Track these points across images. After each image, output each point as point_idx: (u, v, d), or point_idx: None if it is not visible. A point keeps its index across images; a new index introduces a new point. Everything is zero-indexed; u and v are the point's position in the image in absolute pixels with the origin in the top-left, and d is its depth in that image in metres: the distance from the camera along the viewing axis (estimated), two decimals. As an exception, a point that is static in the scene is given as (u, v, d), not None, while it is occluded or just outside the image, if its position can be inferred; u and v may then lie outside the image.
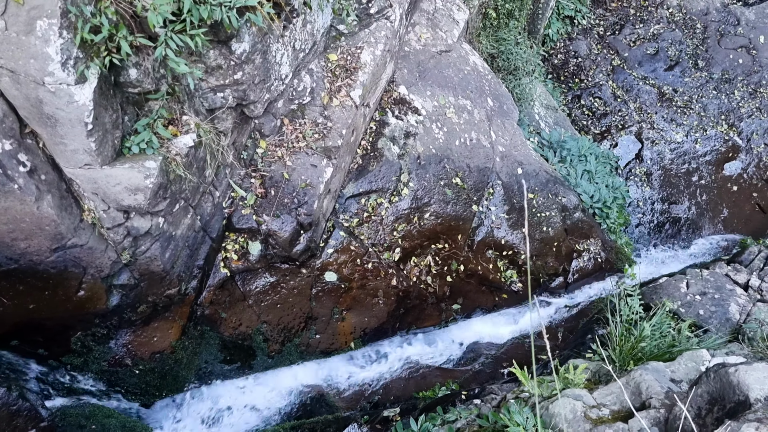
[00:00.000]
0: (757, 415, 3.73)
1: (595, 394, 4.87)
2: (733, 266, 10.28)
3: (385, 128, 8.85)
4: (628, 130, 16.74)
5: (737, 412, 3.91)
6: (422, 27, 9.99)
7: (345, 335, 8.35)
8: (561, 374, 5.18)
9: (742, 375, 4.00)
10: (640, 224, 15.54)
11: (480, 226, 9.43)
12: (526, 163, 10.21)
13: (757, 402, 3.85)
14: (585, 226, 10.43)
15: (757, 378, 3.96)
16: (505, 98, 10.78)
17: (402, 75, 9.31)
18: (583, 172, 12.30)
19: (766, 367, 4.02)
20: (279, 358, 8.07)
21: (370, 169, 8.56)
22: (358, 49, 8.08)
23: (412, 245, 8.78)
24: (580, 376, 5.13)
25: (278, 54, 6.77)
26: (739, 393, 3.96)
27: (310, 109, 7.74)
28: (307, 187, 7.49)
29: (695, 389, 4.29)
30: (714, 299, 8.69)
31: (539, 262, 9.81)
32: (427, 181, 8.86)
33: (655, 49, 18.04)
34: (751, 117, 17.17)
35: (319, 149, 7.68)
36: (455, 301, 9.34)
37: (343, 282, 8.20)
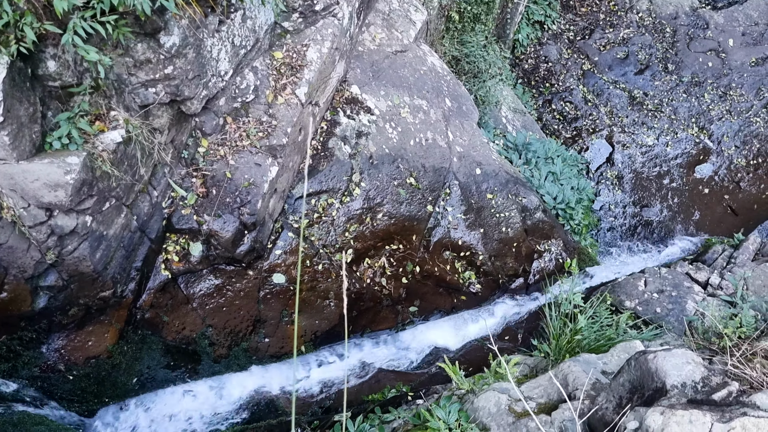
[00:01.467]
0: (671, 401, 3.58)
1: (523, 387, 4.71)
2: (695, 265, 10.19)
3: (336, 128, 8.71)
4: (599, 133, 16.71)
5: (654, 399, 3.77)
6: (377, 27, 9.89)
7: (295, 339, 8.14)
8: (492, 368, 5.02)
9: (660, 361, 3.86)
10: (612, 228, 15.46)
11: (436, 227, 9.29)
12: (486, 164, 10.10)
13: (673, 388, 3.70)
14: (546, 226, 10.31)
15: (675, 364, 3.81)
16: (465, 99, 10.68)
17: (355, 75, 9.19)
18: (547, 173, 12.21)
19: (685, 353, 3.88)
20: (227, 362, 7.86)
21: (321, 169, 8.41)
22: (304, 46, 7.95)
23: (365, 246, 8.62)
24: (511, 370, 4.97)
25: (214, 49, 6.63)
26: (657, 380, 3.81)
27: (254, 108, 7.59)
28: (251, 186, 7.33)
29: (617, 378, 4.15)
30: (671, 297, 8.57)
31: (498, 262, 9.67)
32: (379, 181, 8.72)
33: (625, 53, 18.08)
34: (722, 119, 17.20)
35: (264, 148, 7.53)
36: (412, 303, 9.17)
37: (292, 284, 8.01)
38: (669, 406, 3.52)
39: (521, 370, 5.44)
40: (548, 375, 4.70)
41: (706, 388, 3.69)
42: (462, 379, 4.96)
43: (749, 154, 16.85)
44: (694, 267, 10.02)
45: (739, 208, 16.40)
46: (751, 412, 3.19)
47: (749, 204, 16.53)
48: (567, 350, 5.32)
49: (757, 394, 3.34)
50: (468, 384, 4.95)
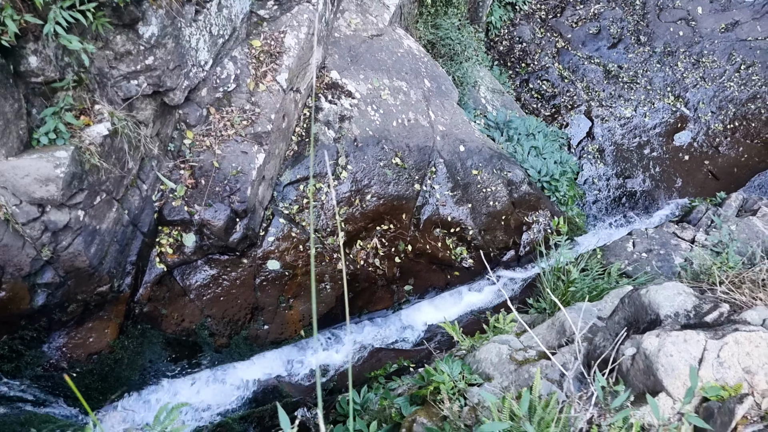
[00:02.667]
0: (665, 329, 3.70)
1: (522, 338, 4.83)
2: (681, 225, 10.37)
3: (319, 113, 8.79)
4: (577, 109, 16.89)
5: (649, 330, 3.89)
6: (351, 13, 9.97)
7: (294, 323, 8.23)
8: (491, 324, 5.13)
9: (652, 295, 3.98)
10: (597, 201, 15.65)
11: (425, 205, 9.39)
12: (469, 141, 10.21)
13: (667, 318, 3.82)
14: (533, 198, 10.45)
15: (666, 296, 3.94)
16: (443, 79, 10.79)
17: (333, 60, 9.27)
18: (530, 148, 12.36)
19: (676, 285, 4.01)
20: (228, 352, 7.91)
21: (307, 155, 8.48)
22: (281, 33, 8.02)
23: (356, 228, 8.71)
24: (509, 324, 5.08)
25: (193, 39, 6.68)
26: (651, 312, 3.94)
27: (237, 96, 7.65)
28: (239, 174, 7.38)
29: (612, 317, 4.27)
30: (660, 255, 8.73)
31: (488, 236, 9.79)
32: (365, 163, 8.80)
33: (597, 28, 18.28)
34: (696, 87, 17.43)
35: (249, 136, 7.59)
36: (406, 282, 9.27)
37: (287, 269, 8.08)
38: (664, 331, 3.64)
39: (519, 326, 5.55)
40: (546, 324, 4.82)
41: (698, 313, 3.82)
42: (462, 336, 5.06)
43: (725, 118, 17.10)
44: (679, 227, 10.20)
45: (720, 173, 16.65)
46: (742, 328, 3.32)
47: (729, 168, 16.79)
48: (563, 302, 5.44)
49: (747, 311, 3.47)
50: (468, 342, 5.05)
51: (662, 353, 3.28)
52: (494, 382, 4.35)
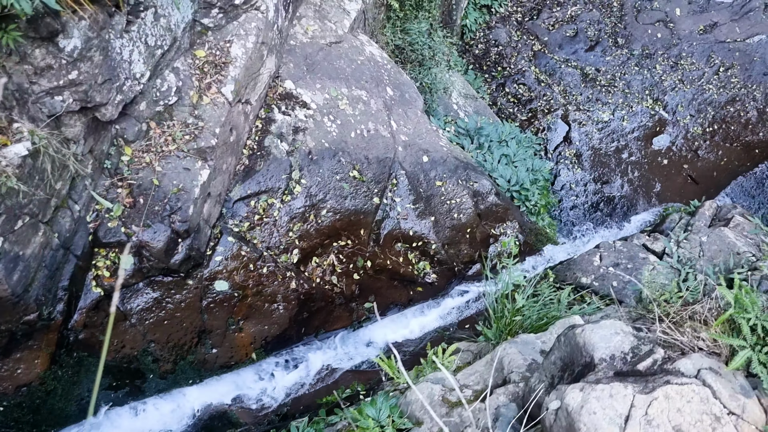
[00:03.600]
0: (598, 375, 3.36)
1: (459, 375, 4.48)
2: (653, 236, 10.07)
3: (271, 125, 8.43)
4: (554, 113, 16.58)
5: (583, 375, 3.55)
6: (309, 20, 9.61)
7: (245, 347, 7.86)
8: (429, 359, 4.78)
9: (588, 335, 3.64)
10: (574, 206, 15.38)
11: (386, 219, 9.05)
12: (433, 151, 9.87)
13: (601, 362, 3.49)
14: (500, 210, 10.12)
15: (603, 336, 3.60)
16: (407, 87, 10.45)
17: (288, 69, 8.91)
18: (501, 156, 12.04)
19: (614, 324, 3.67)
20: (174, 378, 7.54)
21: (258, 169, 8.12)
22: (227, 42, 7.65)
23: (311, 245, 8.34)
24: (449, 359, 4.74)
25: (125, 51, 6.30)
26: (585, 354, 3.60)
27: (179, 110, 7.27)
28: (180, 192, 7.01)
29: (548, 357, 3.93)
30: (627, 269, 8.42)
31: (452, 250, 9.45)
32: (321, 177, 8.44)
33: (574, 30, 18.00)
34: (675, 89, 17.18)
35: (192, 151, 7.21)
36: (366, 300, 8.92)
37: (237, 290, 7.71)
38: (595, 380, 3.30)
39: (464, 358, 5.22)
40: (484, 360, 4.47)
41: (635, 358, 3.49)
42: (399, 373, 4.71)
43: (704, 121, 16.86)
44: (651, 238, 9.89)
45: (699, 177, 16.41)
46: (674, 380, 2.99)
47: (709, 171, 16.56)
48: (508, 332, 5.11)
49: (682, 360, 3.14)
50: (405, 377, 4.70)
51: (585, 410, 2.94)
52: (423, 427, 4.00)
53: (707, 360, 3.15)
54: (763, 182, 17.10)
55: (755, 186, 17.18)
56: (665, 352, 3.33)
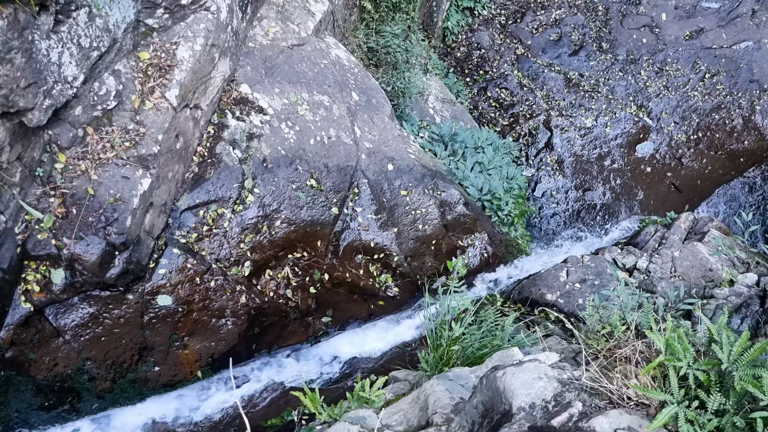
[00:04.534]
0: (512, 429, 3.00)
1: (383, 413, 4.11)
2: (627, 249, 9.73)
3: (224, 131, 8.05)
4: (536, 119, 16.23)
5: (501, 425, 3.19)
6: (270, 21, 9.23)
7: (189, 364, 7.48)
8: (355, 392, 4.41)
9: (508, 379, 3.28)
10: (555, 214, 15.06)
11: (346, 230, 8.68)
12: (399, 159, 9.51)
13: (520, 411, 3.13)
14: (468, 220, 9.76)
15: (524, 381, 3.24)
16: (375, 92, 10.08)
17: (245, 73, 8.53)
18: (474, 164, 11.68)
19: (538, 367, 3.31)
20: (112, 397, 7.16)
21: (208, 177, 7.74)
22: (173, 45, 7.27)
23: (264, 257, 7.97)
24: (376, 393, 4.37)
25: (53, 53, 5.92)
26: (505, 401, 3.24)
27: (119, 115, 6.89)
28: (117, 203, 6.63)
29: (471, 400, 3.57)
30: (594, 286, 8.07)
31: (415, 263, 9.08)
32: (275, 186, 8.07)
33: (558, 34, 17.68)
34: (659, 96, 16.87)
35: (132, 159, 6.83)
36: (324, 314, 8.55)
37: (181, 305, 7.33)
38: (507, 436, 2.94)
39: (399, 389, 4.85)
40: (410, 397, 4.11)
41: (556, 407, 3.12)
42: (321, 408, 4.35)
43: (689, 129, 16.56)
44: (624, 251, 9.55)
45: (683, 185, 16.11)
46: (586, 443, 2.62)
47: (692, 180, 16.26)
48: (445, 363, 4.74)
49: (599, 417, 2.78)
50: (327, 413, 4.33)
51: (483, 477, 2.58)
52: (335, 474, 3.64)
53: (627, 417, 2.79)
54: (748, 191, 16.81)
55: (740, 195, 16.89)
56: (585, 405, 2.97)
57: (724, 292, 5.51)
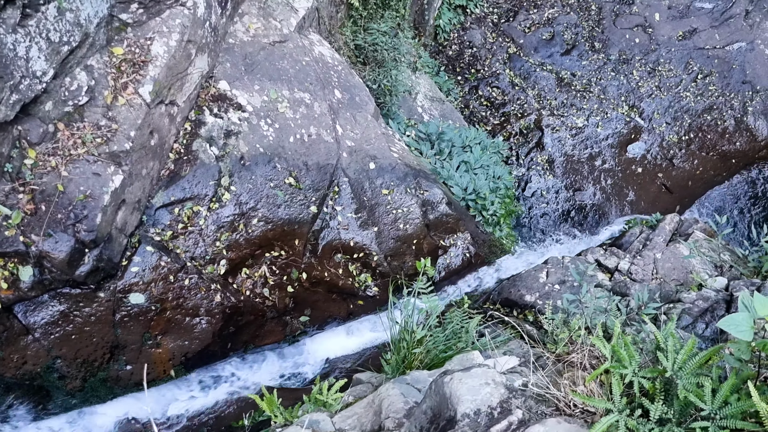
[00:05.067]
0: (453, 437, 2.93)
1: (337, 417, 4.04)
2: (611, 250, 9.65)
3: (201, 128, 7.97)
4: (527, 118, 16.15)
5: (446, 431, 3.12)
6: (252, 17, 9.15)
7: (163, 363, 7.41)
8: (312, 395, 4.34)
9: (455, 385, 3.21)
10: (545, 214, 14.98)
11: (324, 229, 8.60)
12: (381, 157, 9.43)
13: (464, 418, 3.05)
14: (451, 220, 9.68)
15: (471, 387, 3.17)
16: (358, 90, 10.00)
17: (224, 69, 8.45)
18: (460, 163, 11.60)
19: (485, 372, 3.23)
20: (83, 395, 7.08)
21: (183, 175, 7.67)
22: (148, 40, 7.18)
23: (240, 255, 7.89)
24: (334, 396, 4.30)
25: (20, 47, 5.84)
26: (450, 408, 3.16)
27: (91, 111, 6.81)
28: (87, 200, 6.55)
29: (421, 405, 3.49)
30: (573, 288, 7.99)
31: (395, 262, 9.01)
32: (252, 184, 7.99)
33: (550, 33, 17.58)
34: (651, 96, 16.79)
35: (104, 155, 6.75)
36: (302, 313, 8.48)
37: (154, 303, 7.26)
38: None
39: (361, 392, 4.78)
40: (365, 401, 4.03)
41: (501, 414, 3.05)
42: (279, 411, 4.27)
43: (680, 130, 16.48)
44: (608, 252, 9.47)
45: (674, 186, 16.05)
46: (520, 453, 2.55)
47: (683, 181, 16.19)
48: (408, 366, 4.67)
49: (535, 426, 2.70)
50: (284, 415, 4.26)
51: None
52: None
53: (566, 426, 2.71)
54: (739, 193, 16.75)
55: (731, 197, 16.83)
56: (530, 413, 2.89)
57: (691, 296, 5.42)
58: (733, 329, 2.47)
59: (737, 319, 2.48)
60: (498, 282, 9.52)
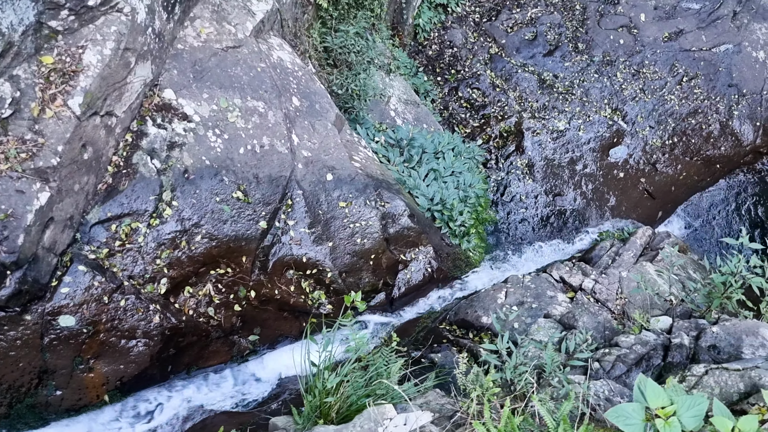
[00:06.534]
0: None
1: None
2: (578, 265, 9.30)
3: (143, 140, 7.59)
4: (507, 121, 15.78)
5: None
6: (204, 21, 8.75)
7: (96, 388, 7.06)
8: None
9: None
10: (524, 219, 14.65)
11: (276, 244, 8.24)
12: (340, 168, 9.06)
13: None
14: (413, 233, 9.32)
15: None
16: (319, 96, 9.61)
17: (170, 77, 8.06)
18: (429, 171, 11.23)
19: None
20: (9, 423, 6.74)
21: (122, 189, 7.30)
22: (79, 48, 6.79)
23: (183, 274, 7.54)
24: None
25: (-72, 60, 5.45)
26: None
27: (15, 124, 6.43)
28: (9, 219, 6.18)
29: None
30: (531, 309, 7.64)
31: (351, 278, 8.66)
32: (197, 199, 7.62)
33: (533, 33, 17.18)
34: (635, 99, 16.42)
35: (29, 171, 6.38)
36: (251, 332, 8.14)
37: (86, 326, 6.90)
38: None
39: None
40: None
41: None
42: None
43: (664, 134, 16.12)
44: (575, 268, 9.12)
45: (656, 191, 15.73)
46: None
47: (666, 186, 15.87)
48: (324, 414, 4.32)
49: None
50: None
51: None
52: None
53: None
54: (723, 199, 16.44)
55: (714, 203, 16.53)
56: None
57: (629, 340, 5.03)
58: (621, 422, 2.12)
59: (627, 410, 2.14)
60: (459, 299, 9.18)
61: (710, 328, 4.64)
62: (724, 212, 16.06)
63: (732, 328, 4.55)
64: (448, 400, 3.86)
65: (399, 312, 9.17)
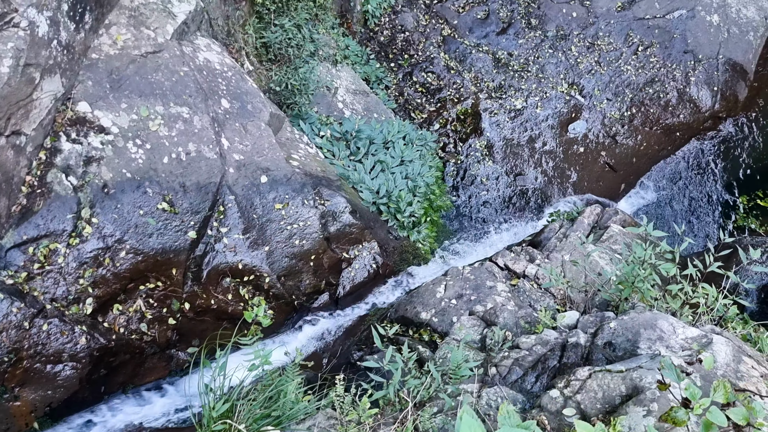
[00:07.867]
0: None
1: None
2: (525, 250, 9.15)
3: (57, 157, 7.34)
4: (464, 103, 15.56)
5: None
6: (121, 27, 8.45)
7: (24, 416, 6.87)
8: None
9: None
10: (486, 202, 14.52)
11: (209, 253, 8.04)
12: (275, 169, 8.84)
13: None
14: (356, 230, 9.13)
15: None
16: (251, 96, 9.36)
17: (85, 88, 7.78)
18: (375, 163, 11.03)
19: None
20: (-66, 459, 6.56)
21: (36, 210, 7.05)
22: (-26, 68, 6.51)
23: (109, 292, 7.33)
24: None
25: None
26: None
27: None
28: None
29: None
30: (470, 302, 7.49)
31: (291, 282, 8.48)
32: (118, 214, 7.39)
33: (485, 12, 16.92)
34: (591, 72, 16.25)
35: (-71, 201, 6.13)
36: (189, 344, 7.96)
37: (8, 354, 6.69)
38: None
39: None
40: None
41: None
42: None
43: (622, 105, 15.98)
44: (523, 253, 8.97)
45: (618, 164, 15.64)
46: None
47: (627, 158, 15.78)
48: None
49: None
50: None
51: None
52: None
53: None
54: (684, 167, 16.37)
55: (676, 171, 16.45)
56: None
57: (530, 340, 4.85)
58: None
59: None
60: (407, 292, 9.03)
61: (609, 323, 4.48)
62: (689, 179, 15.98)
63: (630, 322, 4.39)
64: (335, 422, 3.71)
65: (347, 311, 9.01)
